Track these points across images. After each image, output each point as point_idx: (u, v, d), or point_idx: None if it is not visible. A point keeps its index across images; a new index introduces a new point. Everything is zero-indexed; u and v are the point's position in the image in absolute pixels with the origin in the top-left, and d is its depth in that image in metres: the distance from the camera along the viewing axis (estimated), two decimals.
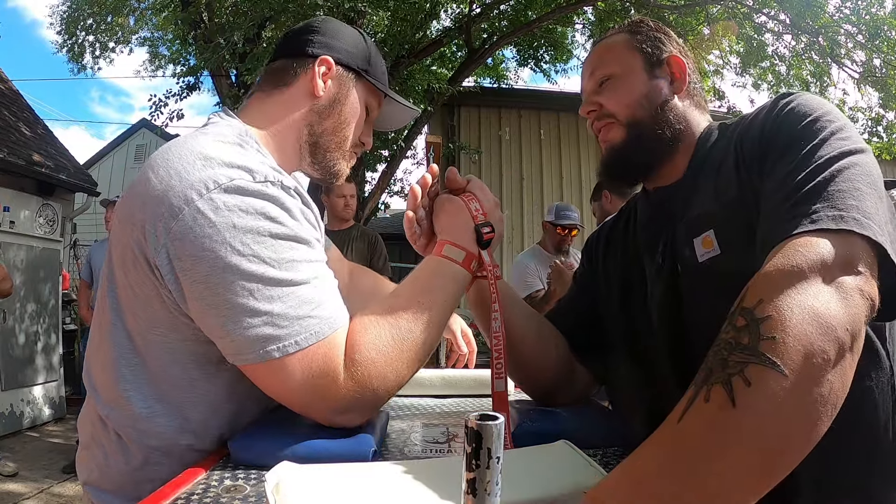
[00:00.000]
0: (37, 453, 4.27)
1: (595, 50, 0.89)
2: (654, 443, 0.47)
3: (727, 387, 0.45)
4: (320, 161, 0.87)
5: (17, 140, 5.63)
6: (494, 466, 0.33)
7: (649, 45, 0.83)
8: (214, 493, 0.56)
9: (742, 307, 0.50)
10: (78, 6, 6.65)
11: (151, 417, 0.70)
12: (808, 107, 0.66)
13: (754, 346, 0.46)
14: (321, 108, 0.84)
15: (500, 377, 0.76)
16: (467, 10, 6.09)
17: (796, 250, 0.51)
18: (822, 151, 0.60)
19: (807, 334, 0.46)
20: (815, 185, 0.57)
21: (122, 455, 0.72)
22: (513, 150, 7.17)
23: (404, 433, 0.83)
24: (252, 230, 0.64)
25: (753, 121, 0.72)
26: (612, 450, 0.76)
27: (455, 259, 0.77)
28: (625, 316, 0.87)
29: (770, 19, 5.92)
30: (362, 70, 0.87)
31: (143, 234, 0.66)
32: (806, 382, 0.45)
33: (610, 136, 0.83)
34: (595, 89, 0.85)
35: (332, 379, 0.65)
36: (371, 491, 0.51)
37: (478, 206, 0.82)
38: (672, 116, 0.81)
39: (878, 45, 5.50)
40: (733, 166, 0.71)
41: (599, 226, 1.07)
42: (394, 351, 0.68)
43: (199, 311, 0.66)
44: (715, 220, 0.71)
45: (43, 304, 5.38)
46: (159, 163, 0.69)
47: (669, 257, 0.77)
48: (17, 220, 5.17)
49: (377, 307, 0.72)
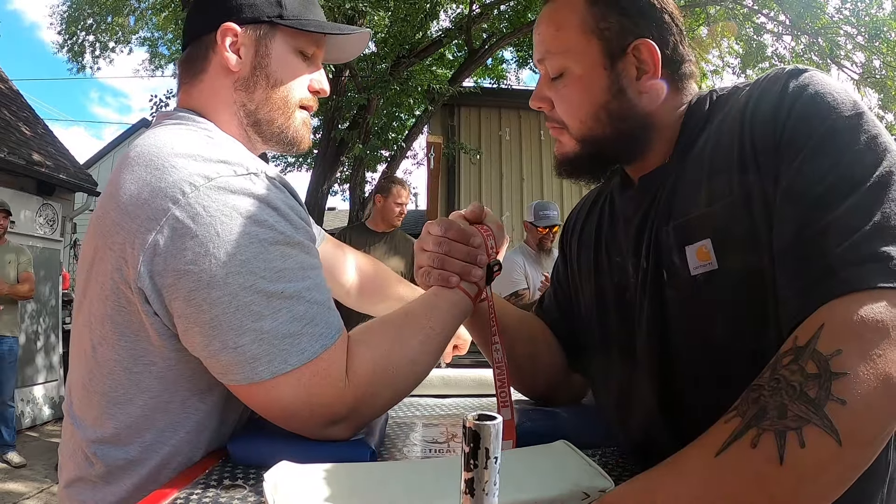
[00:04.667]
0: (37, 453, 4.27)
1: (546, 15, 0.71)
2: (685, 469, 0.45)
3: (780, 440, 0.42)
4: (270, 135, 0.78)
5: (18, 140, 5.63)
6: (492, 466, 0.34)
7: (610, 27, 0.66)
8: (214, 493, 0.56)
9: (816, 350, 0.45)
10: (78, 6, 6.66)
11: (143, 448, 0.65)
12: (829, 94, 0.55)
13: (820, 405, 0.43)
14: (244, 81, 0.75)
15: (506, 405, 0.74)
16: (467, 10, 6.10)
17: (880, 302, 0.45)
18: (867, 161, 0.51)
19: (876, 407, 0.43)
20: (882, 221, 0.48)
21: (110, 487, 0.66)
22: (513, 151, 7.17)
23: (404, 433, 0.83)
24: (239, 238, 0.59)
25: (760, 105, 0.59)
26: (612, 450, 0.76)
27: (469, 293, 0.76)
28: (602, 315, 0.77)
29: (769, 20, 5.92)
30: (275, 17, 0.75)
31: (122, 258, 0.61)
32: (854, 455, 0.43)
33: (562, 142, 0.73)
34: (547, 80, 0.71)
35: (330, 397, 0.62)
36: (370, 491, 0.51)
37: (493, 242, 0.80)
38: (638, 124, 0.68)
39: (878, 46, 5.50)
40: (736, 161, 0.59)
41: (571, 210, 0.94)
42: (397, 373, 0.66)
43: (183, 329, 0.61)
44: (713, 225, 0.60)
45: (43, 303, 5.38)
46: (126, 175, 0.62)
47: (653, 262, 0.66)
48: (17, 220, 5.17)
49: (386, 325, 0.69)
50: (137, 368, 0.64)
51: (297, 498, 0.48)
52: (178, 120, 0.72)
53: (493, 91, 7.36)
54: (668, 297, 0.65)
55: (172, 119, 0.73)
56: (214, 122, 0.75)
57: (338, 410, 0.63)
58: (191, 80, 0.77)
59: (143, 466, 0.65)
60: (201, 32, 0.76)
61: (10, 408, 3.99)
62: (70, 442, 0.70)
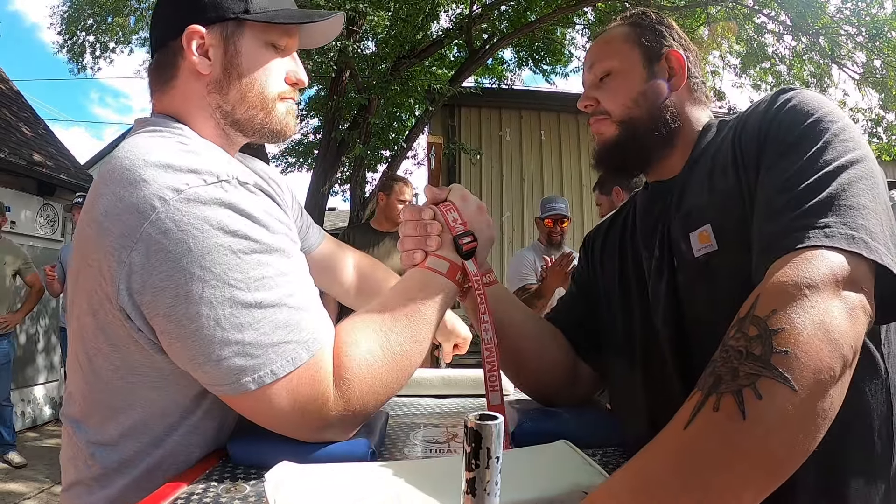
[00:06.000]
0: (37, 453, 4.27)
1: (596, 41, 0.88)
2: (658, 448, 0.47)
3: (738, 397, 0.45)
4: (251, 131, 0.76)
5: (18, 140, 5.64)
6: (494, 466, 0.34)
7: (649, 39, 0.82)
8: (214, 493, 0.56)
9: (754, 315, 0.50)
10: (78, 6, 6.65)
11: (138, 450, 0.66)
12: (809, 105, 0.65)
13: (766, 359, 0.47)
14: (216, 83, 0.73)
15: (495, 390, 0.73)
16: (468, 10, 6.09)
17: (809, 262, 0.52)
18: (827, 156, 0.60)
19: (817, 351, 0.47)
20: (826, 197, 0.57)
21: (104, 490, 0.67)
22: (513, 151, 7.16)
23: (404, 433, 0.83)
24: (212, 250, 0.58)
25: (751, 115, 0.71)
26: (612, 450, 0.76)
27: (439, 270, 0.74)
28: (626, 314, 0.85)
29: (770, 20, 5.92)
30: (241, 13, 0.72)
31: (101, 275, 0.60)
32: (812, 398, 0.46)
33: (602, 130, 0.83)
34: (594, 83, 0.85)
35: (321, 402, 0.61)
36: (370, 491, 0.51)
37: (456, 215, 0.78)
38: (668, 114, 0.80)
39: (879, 46, 5.49)
40: (730, 161, 0.71)
41: (598, 223, 1.05)
42: (384, 367, 0.65)
43: (167, 344, 0.61)
44: (711, 214, 0.71)
45: (43, 303, 5.38)
46: (101, 189, 0.61)
47: (667, 252, 0.77)
48: (18, 220, 5.18)
49: (365, 321, 0.67)
50: (133, 378, 0.65)
51: (297, 498, 0.48)
52: (153, 126, 0.71)
53: (493, 91, 7.36)
54: (679, 281, 0.74)
55: (148, 126, 0.71)
56: (191, 125, 0.73)
57: (330, 414, 0.62)
58: (162, 88, 0.75)
59: (135, 468, 0.66)
60: (166, 38, 0.74)
61: (6, 408, 3.99)
62: (69, 447, 0.70)
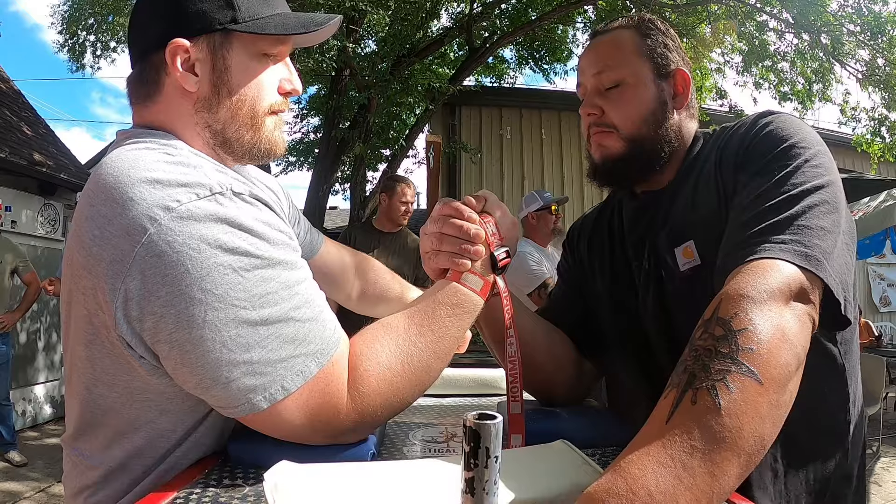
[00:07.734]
0: (37, 452, 4.28)
1: (602, 42, 0.84)
2: (644, 442, 0.48)
3: (713, 391, 0.49)
4: (241, 153, 0.71)
5: (19, 140, 5.64)
6: (493, 466, 0.33)
7: (659, 54, 0.82)
8: (213, 493, 0.56)
9: (719, 317, 0.55)
10: (79, 6, 6.65)
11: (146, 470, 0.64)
12: (785, 130, 0.71)
13: (734, 356, 0.51)
14: (205, 101, 0.67)
15: (516, 400, 0.73)
16: (468, 9, 6.09)
17: (766, 272, 0.58)
18: (795, 179, 0.66)
19: (777, 349, 0.53)
20: (789, 216, 0.63)
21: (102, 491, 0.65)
22: (514, 150, 7.15)
23: (404, 433, 0.83)
24: (212, 270, 0.54)
25: (733, 135, 0.76)
26: (611, 449, 0.75)
27: (473, 288, 0.71)
28: (621, 316, 0.87)
29: (772, 18, 5.91)
30: (228, 23, 0.66)
31: (96, 303, 0.57)
32: (776, 391, 0.51)
33: (607, 144, 0.82)
34: (600, 91, 0.82)
35: (333, 413, 0.60)
36: (370, 491, 0.51)
37: (494, 229, 0.74)
38: (672, 134, 0.82)
39: (881, 44, 5.48)
40: (713, 178, 0.76)
41: (583, 214, 1.04)
42: (402, 382, 0.63)
43: (171, 370, 0.58)
44: (695, 230, 0.76)
45: (44, 303, 5.39)
46: (86, 212, 0.57)
47: (654, 264, 0.81)
48: (18, 220, 5.19)
49: (388, 331, 0.65)
50: (137, 405, 0.63)
51: (297, 498, 0.48)
52: (136, 139, 0.65)
53: (494, 90, 7.35)
54: (667, 291, 0.79)
55: (131, 139, 0.65)
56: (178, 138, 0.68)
57: (343, 425, 0.61)
58: (144, 102, 0.69)
59: (142, 488, 0.64)
60: (148, 51, 0.67)
61: (6, 407, 4.00)
62: (73, 473, 0.67)
